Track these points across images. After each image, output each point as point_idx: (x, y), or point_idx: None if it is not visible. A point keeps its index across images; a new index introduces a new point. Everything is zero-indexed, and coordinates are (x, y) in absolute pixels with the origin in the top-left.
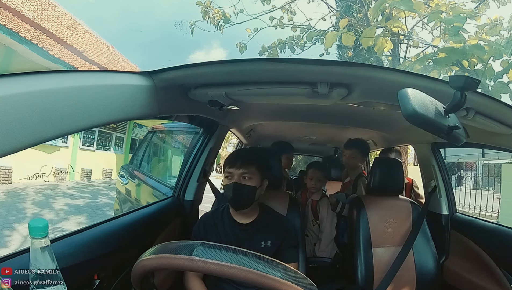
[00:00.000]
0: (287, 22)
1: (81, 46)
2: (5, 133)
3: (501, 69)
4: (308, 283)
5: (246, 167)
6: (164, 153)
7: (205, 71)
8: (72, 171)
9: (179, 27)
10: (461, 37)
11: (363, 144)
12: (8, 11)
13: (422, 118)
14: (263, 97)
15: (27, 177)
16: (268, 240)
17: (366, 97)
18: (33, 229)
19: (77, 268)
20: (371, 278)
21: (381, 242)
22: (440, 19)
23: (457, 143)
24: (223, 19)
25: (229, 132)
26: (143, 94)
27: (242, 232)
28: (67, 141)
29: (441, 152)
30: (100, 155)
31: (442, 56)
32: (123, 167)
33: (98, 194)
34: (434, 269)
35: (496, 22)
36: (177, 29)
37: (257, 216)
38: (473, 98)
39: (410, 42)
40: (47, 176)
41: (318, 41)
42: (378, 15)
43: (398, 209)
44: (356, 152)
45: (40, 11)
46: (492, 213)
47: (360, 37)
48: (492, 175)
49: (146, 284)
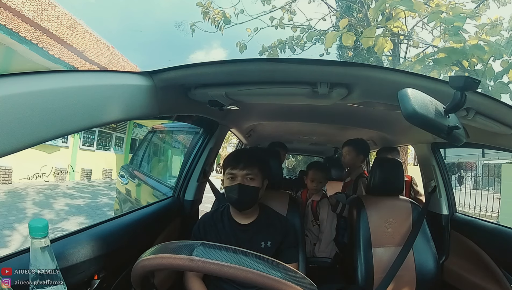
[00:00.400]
0: (287, 22)
1: (81, 46)
2: (5, 133)
3: (501, 69)
4: (308, 283)
5: (249, 168)
6: (164, 153)
7: (205, 71)
8: (72, 171)
9: (180, 28)
10: (461, 37)
11: (358, 142)
12: (8, 11)
13: (422, 118)
14: (263, 97)
15: (27, 177)
16: (268, 240)
17: (366, 97)
18: (33, 229)
19: (77, 268)
20: (371, 278)
21: (381, 242)
22: (440, 19)
23: (457, 143)
24: (223, 20)
25: (229, 132)
26: (143, 94)
27: (242, 233)
28: (67, 141)
29: (441, 152)
30: (100, 155)
31: (442, 56)
32: (123, 167)
33: (98, 194)
34: (434, 269)
35: (496, 22)
36: (177, 30)
37: (257, 216)
38: (473, 98)
39: (410, 42)
40: (47, 176)
41: (318, 41)
42: (378, 15)
43: (398, 209)
44: (350, 149)
45: (40, 11)
46: (492, 213)
47: (360, 37)
48: (492, 175)
49: (146, 284)
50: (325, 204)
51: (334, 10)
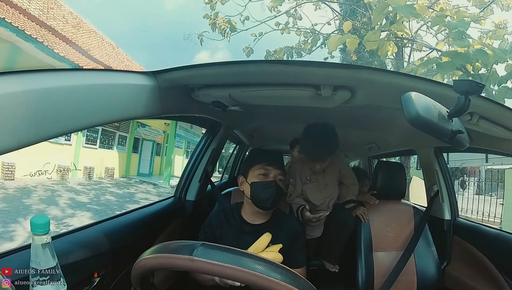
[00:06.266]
0: (292, 27)
1: (86, 45)
2: (9, 130)
3: (506, 74)
4: (308, 286)
5: (282, 169)
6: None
7: (209, 72)
8: (75, 169)
9: (188, 40)
10: (465, 42)
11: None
12: (15, 9)
13: (426, 122)
14: (266, 99)
15: (30, 173)
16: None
17: (370, 100)
18: (35, 226)
19: (78, 266)
20: (372, 282)
21: (383, 246)
22: (444, 23)
23: (460, 148)
24: (229, 27)
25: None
26: (147, 94)
27: (250, 233)
28: (70, 139)
29: (444, 156)
30: (103, 153)
31: (445, 60)
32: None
33: (100, 191)
34: (435, 274)
35: (500, 26)
36: (186, 41)
37: (270, 217)
38: (477, 102)
39: (414, 45)
40: (49, 173)
41: (324, 45)
42: (382, 18)
43: (400, 213)
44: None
45: (46, 10)
46: (494, 219)
47: (364, 40)
48: (495, 181)
49: (146, 284)
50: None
51: (339, 14)
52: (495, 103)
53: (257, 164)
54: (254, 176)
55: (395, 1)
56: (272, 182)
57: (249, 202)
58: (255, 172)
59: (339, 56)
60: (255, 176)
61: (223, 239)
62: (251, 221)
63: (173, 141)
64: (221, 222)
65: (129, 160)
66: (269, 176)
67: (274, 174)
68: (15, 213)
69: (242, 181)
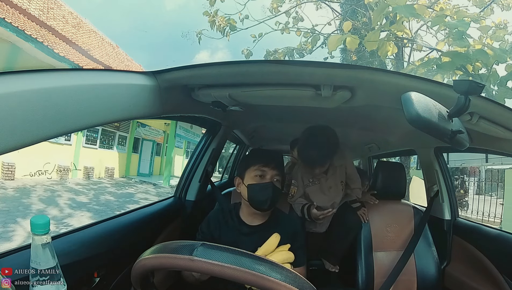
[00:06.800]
0: (292, 27)
1: (86, 45)
2: (9, 130)
3: (506, 74)
4: (308, 286)
5: (279, 169)
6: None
7: (209, 72)
8: (75, 169)
9: (186, 37)
10: (465, 42)
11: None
12: (15, 9)
13: (426, 122)
14: (266, 99)
15: (30, 173)
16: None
17: (370, 100)
18: (35, 226)
19: (78, 266)
20: (372, 282)
21: (383, 246)
22: (444, 23)
23: (460, 148)
24: (229, 26)
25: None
26: (147, 94)
27: (248, 235)
28: (70, 139)
29: (444, 156)
30: (103, 153)
31: (446, 60)
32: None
33: (99, 191)
34: (435, 274)
35: (501, 26)
36: (184, 39)
37: (267, 218)
38: (477, 102)
39: (414, 45)
40: (49, 173)
41: (324, 44)
42: (382, 18)
43: (400, 214)
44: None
45: (46, 10)
46: (494, 219)
47: (364, 40)
48: (495, 181)
49: (146, 283)
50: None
51: (339, 14)
52: (495, 103)
53: (253, 165)
54: (250, 177)
55: (395, 1)
56: (268, 183)
57: (247, 203)
58: (251, 174)
59: (339, 56)
60: (252, 177)
61: (221, 239)
62: (249, 222)
63: (173, 141)
64: (220, 223)
65: (129, 160)
66: (266, 177)
67: (270, 175)
68: (15, 213)
69: (239, 182)
